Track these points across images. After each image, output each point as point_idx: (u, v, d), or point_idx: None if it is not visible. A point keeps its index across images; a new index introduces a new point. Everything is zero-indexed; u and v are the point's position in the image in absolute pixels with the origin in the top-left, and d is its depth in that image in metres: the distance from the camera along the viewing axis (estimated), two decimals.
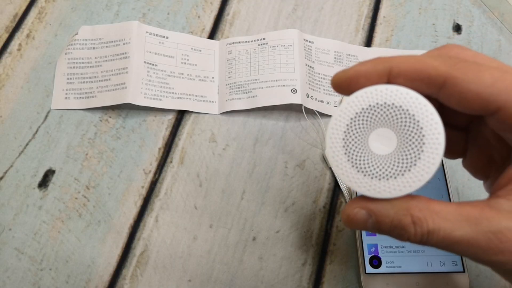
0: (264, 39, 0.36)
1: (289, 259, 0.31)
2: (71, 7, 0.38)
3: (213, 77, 0.36)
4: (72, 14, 0.38)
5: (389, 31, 0.39)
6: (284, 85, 0.34)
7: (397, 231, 0.19)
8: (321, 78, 0.36)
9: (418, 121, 0.19)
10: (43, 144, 0.33)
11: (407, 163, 0.19)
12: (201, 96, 0.35)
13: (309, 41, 0.37)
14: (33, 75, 0.36)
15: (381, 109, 0.19)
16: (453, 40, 0.38)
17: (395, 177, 0.19)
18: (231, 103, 0.35)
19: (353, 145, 0.19)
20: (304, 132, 0.35)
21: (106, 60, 0.35)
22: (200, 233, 0.31)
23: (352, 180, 0.19)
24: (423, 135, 0.19)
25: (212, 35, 0.38)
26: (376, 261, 0.30)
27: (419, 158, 0.18)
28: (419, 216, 0.18)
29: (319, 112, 0.35)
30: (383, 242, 0.30)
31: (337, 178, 0.25)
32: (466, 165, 0.23)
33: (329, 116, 0.35)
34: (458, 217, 0.18)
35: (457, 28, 0.39)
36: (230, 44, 0.37)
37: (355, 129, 0.19)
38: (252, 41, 0.37)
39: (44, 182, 0.32)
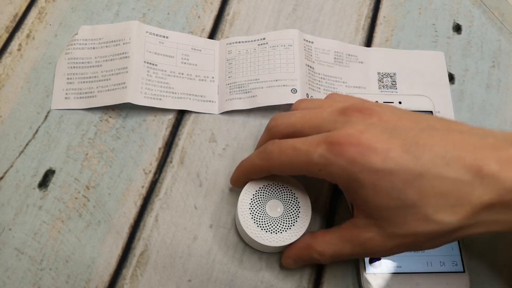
0: (264, 39, 0.36)
1: None
2: (71, 7, 0.38)
3: (213, 77, 0.36)
4: (72, 14, 0.38)
5: (389, 31, 0.39)
6: (284, 85, 0.34)
7: (314, 261, 0.28)
8: (321, 78, 0.36)
9: (295, 195, 0.29)
10: (43, 144, 0.33)
11: (290, 222, 0.28)
12: (201, 96, 0.35)
13: (309, 41, 0.37)
14: (33, 75, 0.36)
15: (271, 187, 0.29)
16: (453, 40, 0.38)
17: (285, 231, 0.28)
18: (231, 103, 0.35)
19: (256, 211, 0.29)
20: None
21: (106, 60, 0.35)
22: (200, 233, 0.31)
23: (257, 235, 0.28)
24: (299, 203, 0.29)
25: (212, 35, 0.38)
26: (376, 261, 0.30)
27: (298, 217, 0.28)
28: (321, 250, 0.27)
29: None
30: None
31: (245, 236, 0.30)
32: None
33: None
34: (341, 240, 0.26)
35: (457, 28, 0.39)
36: (230, 44, 0.37)
37: (256, 200, 0.29)
38: (252, 41, 0.37)
39: (44, 182, 0.32)
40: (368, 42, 0.38)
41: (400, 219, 0.23)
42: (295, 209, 0.29)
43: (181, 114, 0.35)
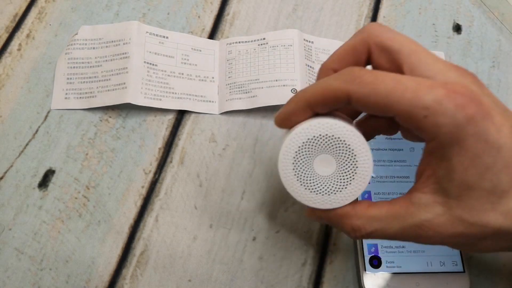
0: (264, 39, 0.36)
1: (289, 259, 0.31)
2: (71, 7, 0.38)
3: (213, 77, 0.36)
4: (72, 14, 0.38)
5: None
6: (284, 85, 0.34)
7: (343, 231, 0.24)
8: None
9: (352, 149, 0.23)
10: (43, 144, 0.33)
11: (344, 182, 0.23)
12: (201, 96, 0.35)
13: (309, 41, 0.37)
14: (33, 75, 0.36)
15: (322, 140, 0.23)
16: (453, 40, 0.38)
17: (335, 193, 0.23)
18: (231, 103, 0.35)
19: (301, 168, 0.23)
20: None
21: (106, 60, 0.35)
22: (200, 233, 0.31)
23: (301, 196, 0.24)
24: (357, 161, 0.23)
25: (212, 35, 0.38)
26: (376, 261, 0.30)
27: (353, 178, 0.23)
28: (357, 224, 0.23)
29: None
30: (383, 242, 0.30)
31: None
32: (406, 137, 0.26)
33: None
34: (389, 217, 0.22)
35: (457, 28, 0.39)
36: (230, 44, 0.37)
37: (302, 156, 0.23)
38: (252, 41, 0.37)
39: (44, 182, 0.32)
40: None
41: (478, 205, 0.20)
42: (350, 170, 0.23)
43: (181, 114, 0.35)
